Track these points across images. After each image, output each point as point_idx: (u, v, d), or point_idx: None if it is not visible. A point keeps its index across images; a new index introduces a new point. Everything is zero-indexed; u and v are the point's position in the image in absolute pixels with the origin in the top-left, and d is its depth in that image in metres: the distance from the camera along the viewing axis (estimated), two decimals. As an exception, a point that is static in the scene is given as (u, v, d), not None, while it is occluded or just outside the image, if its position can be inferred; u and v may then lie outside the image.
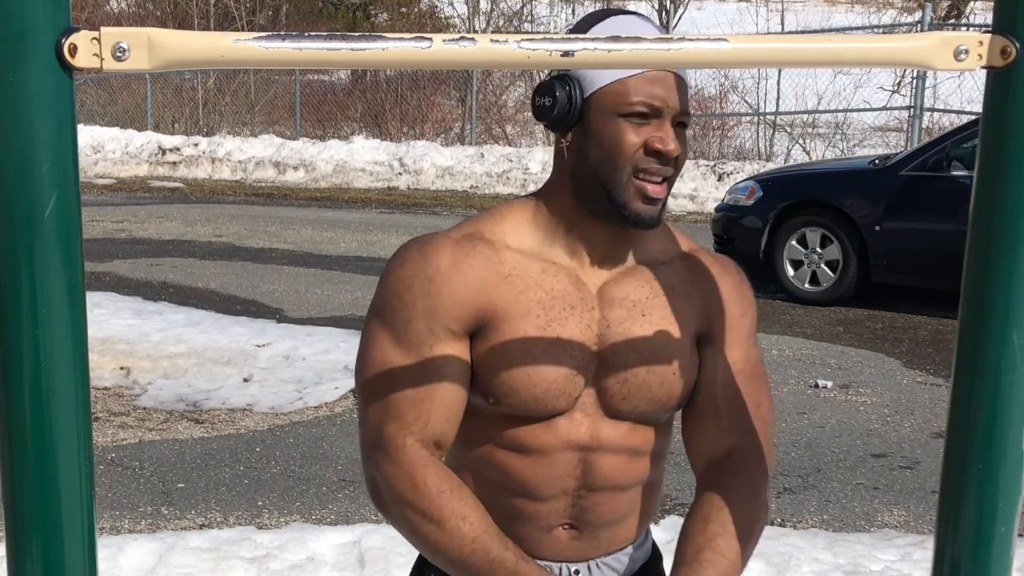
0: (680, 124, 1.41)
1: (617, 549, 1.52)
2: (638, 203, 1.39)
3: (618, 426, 1.46)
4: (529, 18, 23.01)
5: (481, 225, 1.46)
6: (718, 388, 1.49)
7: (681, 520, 4.03)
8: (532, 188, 14.04)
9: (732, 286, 1.52)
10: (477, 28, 20.47)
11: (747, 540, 1.43)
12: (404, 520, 1.38)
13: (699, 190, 13.37)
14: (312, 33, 0.89)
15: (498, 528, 1.39)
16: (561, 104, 1.40)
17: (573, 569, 1.50)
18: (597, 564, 1.51)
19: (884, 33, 16.27)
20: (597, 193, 1.41)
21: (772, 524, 4.15)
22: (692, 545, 1.40)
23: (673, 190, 1.47)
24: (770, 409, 1.52)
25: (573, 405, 1.43)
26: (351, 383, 5.70)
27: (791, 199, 8.16)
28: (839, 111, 16.06)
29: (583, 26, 1.42)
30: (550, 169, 1.58)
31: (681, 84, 1.40)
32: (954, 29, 17.06)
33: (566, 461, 1.45)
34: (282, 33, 0.89)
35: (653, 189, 1.39)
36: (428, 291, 1.39)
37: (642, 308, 1.45)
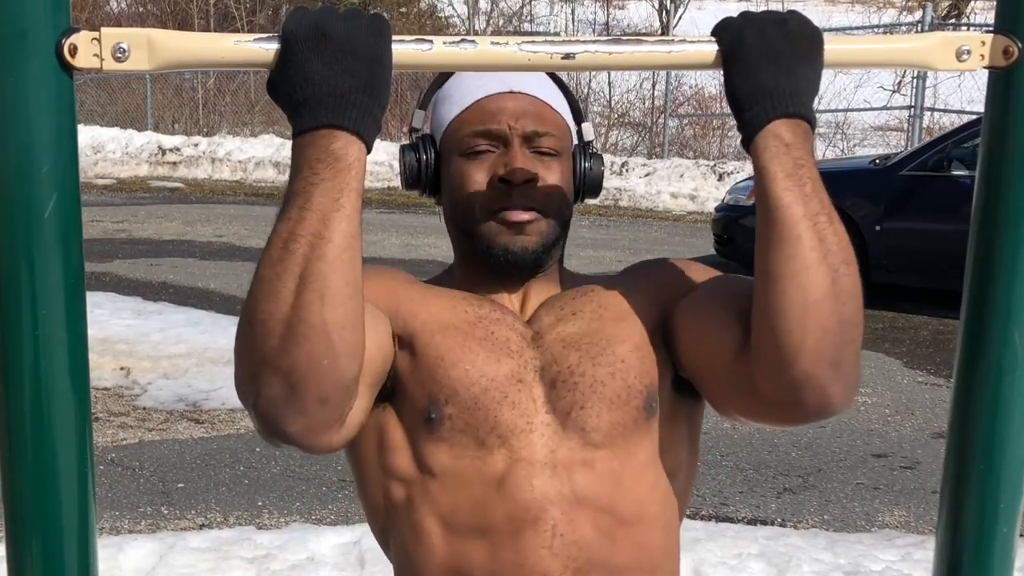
0: (541, 150, 1.22)
1: None
2: (503, 236, 1.21)
3: (593, 453, 1.19)
4: (529, 18, 23.00)
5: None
6: (729, 303, 1.21)
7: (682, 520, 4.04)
8: (532, 188, 13.94)
9: (658, 263, 1.34)
10: (477, 28, 20.45)
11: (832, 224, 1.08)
12: (268, 281, 1.08)
13: (699, 190, 13.35)
14: (312, 33, 0.88)
15: None
16: (409, 166, 1.24)
17: None
18: None
19: (884, 33, 16.27)
20: (469, 247, 1.24)
21: (772, 524, 4.14)
22: None
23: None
24: None
25: (530, 431, 1.19)
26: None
27: (791, 199, 8.15)
28: (839, 111, 16.03)
29: (440, 79, 1.28)
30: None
31: (535, 103, 1.22)
32: (954, 29, 17.06)
33: (547, 520, 1.17)
34: (282, 33, 0.89)
35: (514, 214, 1.20)
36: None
37: (572, 308, 1.25)
